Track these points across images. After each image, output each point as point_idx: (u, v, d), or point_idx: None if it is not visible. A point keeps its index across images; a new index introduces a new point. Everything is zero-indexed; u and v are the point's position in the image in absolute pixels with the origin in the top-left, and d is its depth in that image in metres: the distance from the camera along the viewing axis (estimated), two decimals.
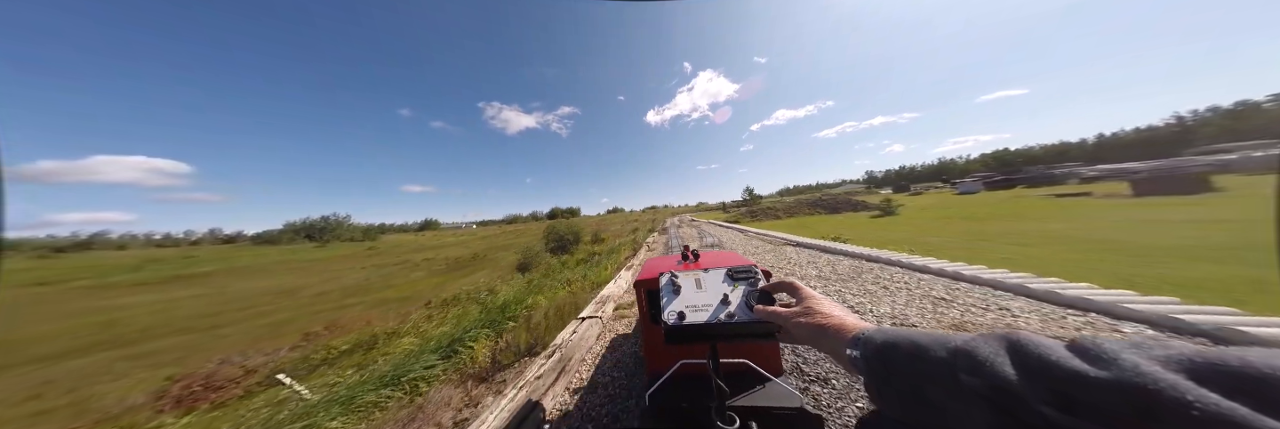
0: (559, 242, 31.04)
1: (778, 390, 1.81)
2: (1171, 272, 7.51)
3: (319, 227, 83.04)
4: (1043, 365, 0.34)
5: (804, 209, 49.45)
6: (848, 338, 0.55)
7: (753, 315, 0.77)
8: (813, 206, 50.10)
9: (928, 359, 0.44)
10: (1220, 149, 56.94)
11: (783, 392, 1.80)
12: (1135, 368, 0.28)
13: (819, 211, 47.21)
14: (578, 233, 32.70)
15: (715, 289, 0.89)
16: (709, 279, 0.93)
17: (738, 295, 0.84)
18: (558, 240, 31.07)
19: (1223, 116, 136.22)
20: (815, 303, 0.67)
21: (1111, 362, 0.30)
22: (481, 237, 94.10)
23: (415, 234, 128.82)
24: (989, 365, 0.37)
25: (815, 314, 0.64)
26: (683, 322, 0.82)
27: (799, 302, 0.70)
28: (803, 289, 0.73)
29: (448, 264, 46.77)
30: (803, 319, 0.64)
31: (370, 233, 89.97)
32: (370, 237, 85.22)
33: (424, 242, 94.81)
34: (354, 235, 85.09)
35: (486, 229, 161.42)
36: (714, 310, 0.82)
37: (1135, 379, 0.27)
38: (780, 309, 0.71)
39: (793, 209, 49.91)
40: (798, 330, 0.65)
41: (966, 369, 0.39)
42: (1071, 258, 9.93)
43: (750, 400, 1.76)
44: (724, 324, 0.79)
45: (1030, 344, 0.37)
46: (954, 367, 0.41)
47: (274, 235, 78.77)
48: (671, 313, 0.85)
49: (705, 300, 0.86)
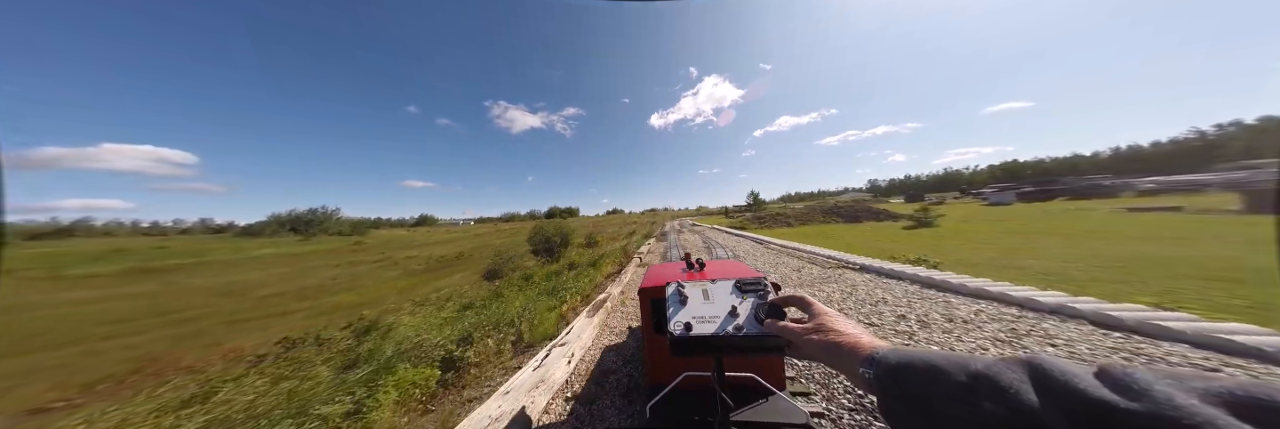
0: (545, 244, 27.38)
1: (782, 405, 1.87)
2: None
3: (305, 219, 79.84)
4: (1069, 394, 0.32)
5: (817, 216, 45.08)
6: (862, 357, 0.54)
7: (762, 329, 0.76)
8: (826, 214, 45.86)
9: (946, 383, 0.42)
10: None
11: (787, 407, 1.87)
12: (1170, 400, 0.26)
13: (835, 220, 42.98)
14: (568, 234, 29.04)
15: (723, 301, 0.87)
16: (717, 290, 0.91)
17: (746, 308, 0.83)
18: (544, 243, 27.41)
19: (1246, 131, 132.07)
20: (828, 319, 0.66)
21: (1143, 393, 0.28)
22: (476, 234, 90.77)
23: (407, 230, 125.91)
24: (1012, 392, 0.36)
25: (829, 331, 0.63)
26: (690, 333, 0.82)
27: (811, 317, 0.69)
28: (814, 304, 0.71)
29: (428, 264, 43.42)
30: (815, 336, 0.63)
31: (360, 227, 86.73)
32: (359, 231, 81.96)
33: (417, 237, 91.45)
34: (342, 230, 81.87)
35: (482, 226, 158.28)
36: (722, 323, 0.81)
37: (1170, 412, 0.25)
38: (792, 324, 0.70)
39: (805, 216, 45.47)
40: (809, 347, 0.65)
41: (988, 395, 0.37)
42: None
43: (754, 415, 1.80)
44: (732, 337, 0.79)
45: (1055, 370, 0.35)
46: (975, 392, 0.39)
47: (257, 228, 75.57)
48: (678, 324, 0.83)
49: (713, 312, 0.85)
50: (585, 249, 31.46)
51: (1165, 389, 0.28)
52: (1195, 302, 5.78)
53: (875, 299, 5.99)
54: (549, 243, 27.45)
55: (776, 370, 2.22)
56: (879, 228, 32.47)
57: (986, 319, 4.75)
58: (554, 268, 17.46)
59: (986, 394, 0.37)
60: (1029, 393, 0.35)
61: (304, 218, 79.76)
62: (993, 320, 4.69)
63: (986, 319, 4.75)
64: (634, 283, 8.62)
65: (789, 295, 0.79)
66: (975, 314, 4.94)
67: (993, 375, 0.38)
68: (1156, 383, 0.29)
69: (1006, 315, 4.83)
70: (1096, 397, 0.30)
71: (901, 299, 5.86)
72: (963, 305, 5.33)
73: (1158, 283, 8.02)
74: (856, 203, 50.17)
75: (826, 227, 37.85)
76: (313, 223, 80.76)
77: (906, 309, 5.32)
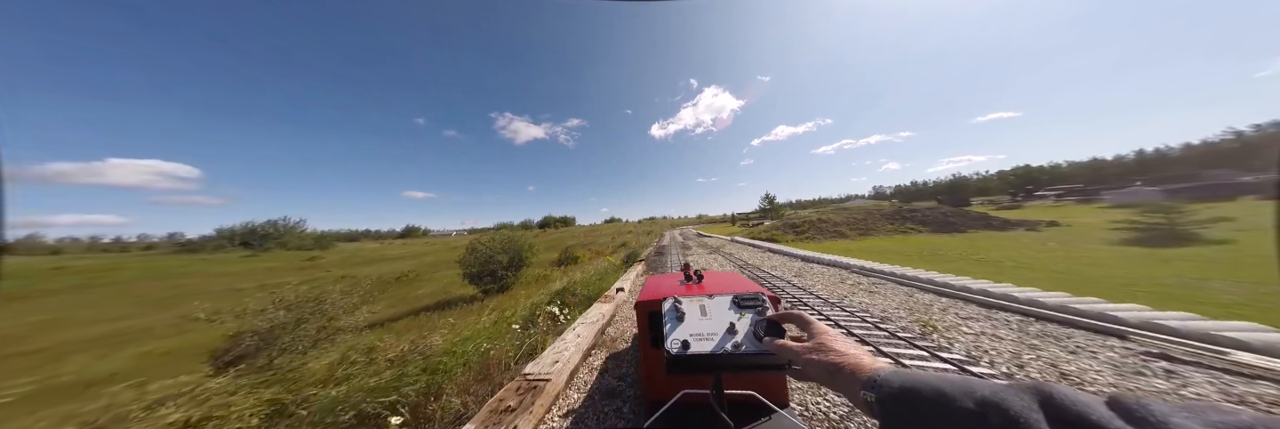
0: (484, 266, 18.49)
1: (784, 424, 1.85)
2: None
3: (261, 233, 71.05)
4: (1083, 426, 0.31)
5: (882, 223, 33.83)
6: (863, 378, 0.52)
7: (761, 347, 0.73)
8: (894, 220, 34.40)
9: (953, 409, 0.40)
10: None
11: (789, 425, 1.85)
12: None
13: (915, 229, 31.97)
14: (522, 251, 20.17)
15: (721, 317, 0.85)
16: (714, 306, 0.89)
17: (744, 325, 0.80)
18: (483, 264, 18.52)
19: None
20: (828, 338, 0.63)
21: (1160, 426, 0.27)
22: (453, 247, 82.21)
23: (381, 243, 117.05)
24: (1023, 422, 0.34)
25: (829, 351, 0.60)
26: (687, 351, 0.77)
27: (810, 336, 0.66)
28: (813, 322, 0.69)
29: (366, 285, 34.59)
30: (815, 356, 0.60)
31: (324, 241, 77.93)
32: (322, 245, 73.23)
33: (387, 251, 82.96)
34: (304, 243, 73.08)
35: (463, 239, 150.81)
36: (720, 340, 0.78)
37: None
38: (791, 343, 0.67)
39: (861, 224, 34.29)
40: (809, 367, 0.61)
41: (998, 424, 0.35)
42: None
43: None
44: (731, 355, 0.75)
45: (1066, 400, 0.34)
46: (984, 420, 0.37)
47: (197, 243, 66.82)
48: (675, 341, 0.80)
49: (710, 329, 0.82)
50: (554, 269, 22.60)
51: (1184, 422, 0.26)
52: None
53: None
54: (489, 265, 18.55)
55: (779, 387, 2.29)
56: (1013, 240, 22.73)
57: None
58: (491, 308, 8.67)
59: (996, 422, 0.35)
60: (1041, 423, 0.33)
61: (259, 231, 70.93)
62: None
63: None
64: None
65: (787, 312, 0.76)
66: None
67: (1001, 402, 0.37)
68: (1173, 416, 0.28)
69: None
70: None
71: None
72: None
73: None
74: (935, 208, 38.94)
75: (916, 239, 27.35)
76: (269, 237, 71.87)
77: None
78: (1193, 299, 7.94)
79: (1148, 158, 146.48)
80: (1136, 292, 8.71)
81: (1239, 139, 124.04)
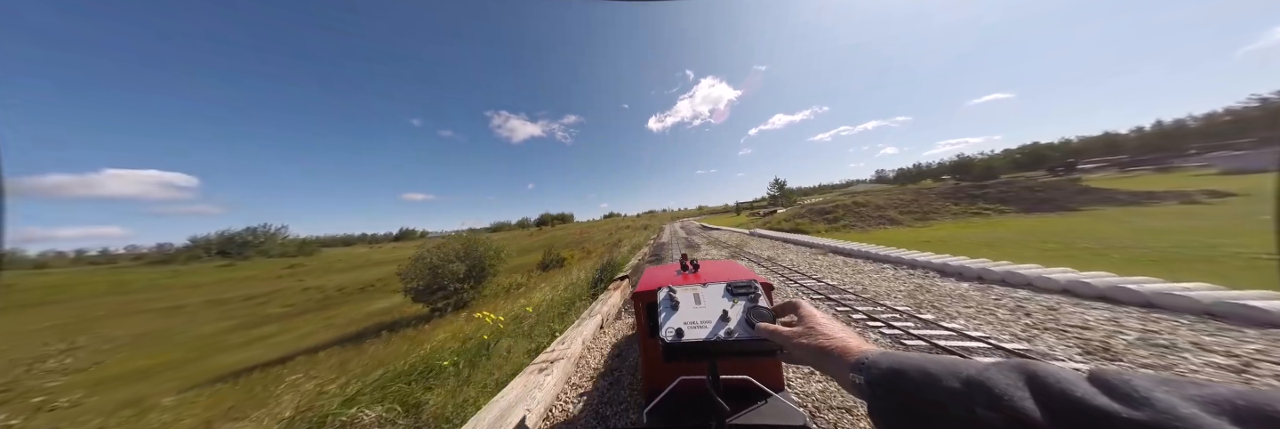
0: (433, 280, 14.33)
1: (780, 407, 1.87)
2: None
3: (238, 242, 67.23)
4: (1067, 402, 0.31)
5: (944, 205, 27.27)
6: (851, 361, 0.52)
7: (753, 333, 0.75)
8: (957, 200, 27.88)
9: (939, 389, 0.41)
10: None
11: (785, 408, 1.87)
12: (1172, 410, 0.25)
13: (986, 207, 25.65)
14: (485, 259, 15.99)
15: (714, 305, 0.87)
16: (708, 294, 0.91)
17: (737, 312, 0.82)
18: (428, 277, 14.34)
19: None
20: (816, 323, 0.64)
21: (1143, 401, 0.27)
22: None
23: (369, 247, 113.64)
24: (1007, 400, 0.35)
25: (817, 335, 0.61)
26: (681, 339, 0.79)
27: (800, 320, 0.67)
28: (804, 307, 0.70)
29: (323, 297, 31.19)
30: (804, 340, 0.61)
31: (308, 247, 74.14)
32: (306, 251, 69.45)
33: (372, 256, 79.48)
34: (287, 250, 69.24)
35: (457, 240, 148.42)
36: (713, 327, 0.80)
37: (1174, 423, 0.24)
38: (781, 328, 0.68)
39: (912, 206, 27.77)
40: (799, 351, 0.62)
41: (984, 402, 0.36)
42: None
43: (752, 418, 1.81)
44: (723, 342, 0.77)
45: (1050, 377, 0.35)
46: (970, 399, 0.37)
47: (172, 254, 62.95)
48: (670, 330, 0.81)
49: (704, 317, 0.84)
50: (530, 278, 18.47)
51: (1166, 397, 0.27)
52: None
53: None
54: (439, 279, 14.38)
55: (773, 372, 2.36)
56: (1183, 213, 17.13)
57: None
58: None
59: (982, 401, 0.36)
60: (1026, 400, 0.34)
61: (238, 239, 67.13)
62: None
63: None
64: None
65: (785, 302, 0.78)
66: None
67: (986, 381, 0.37)
68: (1155, 390, 0.28)
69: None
70: (1095, 405, 0.29)
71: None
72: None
73: None
74: (1023, 181, 31.92)
75: (1011, 223, 21.27)
76: (248, 244, 68.02)
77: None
78: None
79: (1167, 128, 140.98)
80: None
81: (1262, 106, 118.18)
